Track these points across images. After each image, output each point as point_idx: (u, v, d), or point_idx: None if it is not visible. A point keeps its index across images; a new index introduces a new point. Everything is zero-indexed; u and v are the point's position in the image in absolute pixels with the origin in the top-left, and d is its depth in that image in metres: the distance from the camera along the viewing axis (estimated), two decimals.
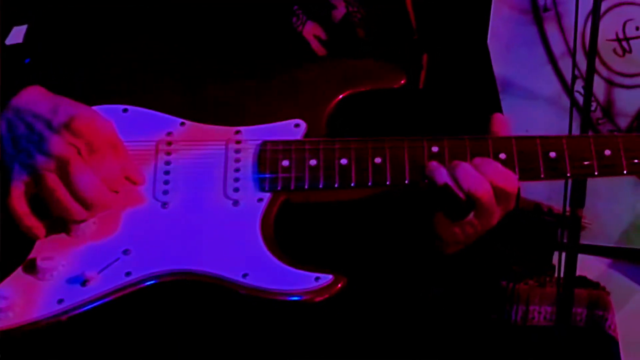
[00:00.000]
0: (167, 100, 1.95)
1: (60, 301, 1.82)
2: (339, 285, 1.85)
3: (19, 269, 1.84)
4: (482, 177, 1.86)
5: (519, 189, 1.92)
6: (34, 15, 2.06)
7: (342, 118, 1.98)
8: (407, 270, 2.09)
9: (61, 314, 1.82)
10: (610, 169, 1.95)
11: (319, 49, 2.08)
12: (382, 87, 1.99)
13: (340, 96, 1.97)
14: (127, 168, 1.87)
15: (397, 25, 2.13)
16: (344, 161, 1.91)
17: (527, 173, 1.93)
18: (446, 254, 2.00)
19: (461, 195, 1.86)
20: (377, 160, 1.91)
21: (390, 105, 2.03)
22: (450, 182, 1.86)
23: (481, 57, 2.25)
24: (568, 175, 1.95)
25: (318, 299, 1.83)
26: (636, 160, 1.96)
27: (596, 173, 1.95)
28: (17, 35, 2.05)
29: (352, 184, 1.90)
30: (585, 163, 1.95)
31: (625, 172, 1.95)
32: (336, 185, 1.90)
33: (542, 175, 1.94)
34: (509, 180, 1.89)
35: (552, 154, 1.93)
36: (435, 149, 1.92)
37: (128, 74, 1.96)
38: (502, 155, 1.92)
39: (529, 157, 1.93)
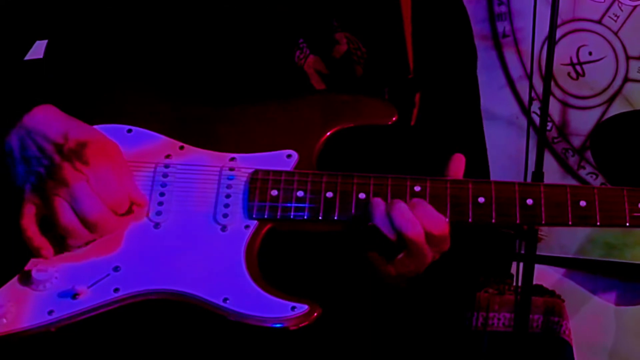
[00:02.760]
0: (169, 123, 1.94)
1: (50, 312, 1.83)
2: (314, 315, 1.83)
3: (15, 279, 1.84)
4: (415, 219, 1.83)
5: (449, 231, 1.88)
6: (54, 32, 2.06)
7: (334, 151, 1.96)
8: (383, 300, 2.07)
9: (50, 325, 1.82)
10: (584, 220, 1.91)
11: (318, 82, 2.06)
12: (374, 123, 1.96)
13: (333, 130, 1.95)
14: (132, 191, 1.86)
15: (395, 63, 2.10)
16: (329, 194, 1.89)
17: (504, 218, 1.89)
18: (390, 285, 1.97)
19: (391, 236, 1.83)
20: (361, 195, 1.89)
21: (382, 140, 2.01)
22: (386, 220, 1.83)
23: (471, 97, 2.24)
24: (542, 222, 1.91)
25: (293, 327, 1.83)
26: (610, 214, 1.91)
27: (570, 223, 1.91)
28: (36, 50, 2.06)
29: (336, 217, 1.88)
30: (561, 213, 1.90)
31: (598, 224, 1.91)
32: (320, 217, 1.89)
33: (518, 221, 1.90)
34: (438, 225, 1.85)
35: (529, 201, 1.90)
36: (417, 188, 1.89)
37: (135, 98, 1.95)
38: (481, 199, 1.89)
39: (506, 202, 1.89)
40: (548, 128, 4.62)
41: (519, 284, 4.06)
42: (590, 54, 4.80)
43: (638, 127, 4.13)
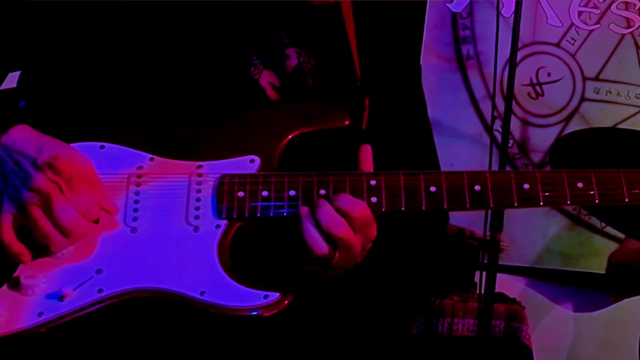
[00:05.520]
0: (138, 138, 1.98)
1: (40, 314, 1.86)
2: (285, 302, 1.88)
3: (5, 286, 1.88)
4: (339, 217, 1.88)
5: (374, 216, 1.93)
6: (28, 62, 2.10)
7: (293, 154, 2.00)
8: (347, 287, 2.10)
9: (40, 326, 1.86)
10: (528, 201, 1.97)
11: (273, 95, 2.10)
12: (328, 127, 2.02)
13: (291, 135, 2.00)
14: (102, 200, 1.90)
15: (344, 73, 2.15)
16: (292, 193, 1.93)
17: (455, 204, 1.95)
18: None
19: (321, 241, 1.87)
20: (322, 192, 1.93)
21: (336, 143, 2.05)
22: (313, 224, 1.88)
23: (416, 99, 2.28)
24: (491, 206, 1.97)
25: (267, 314, 1.87)
26: (551, 194, 1.97)
27: (516, 204, 1.97)
28: (11, 80, 2.11)
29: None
30: (506, 195, 1.96)
31: (541, 203, 1.97)
32: (285, 214, 1.94)
33: (468, 206, 1.96)
34: (356, 208, 1.90)
35: (477, 187, 1.96)
36: (373, 182, 1.94)
37: (106, 116, 2.00)
38: (433, 188, 1.94)
39: (456, 189, 1.95)
40: (509, 145, 4.59)
41: (482, 292, 4.07)
42: (549, 75, 4.83)
43: (594, 144, 4.14)
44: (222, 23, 2.10)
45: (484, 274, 4.06)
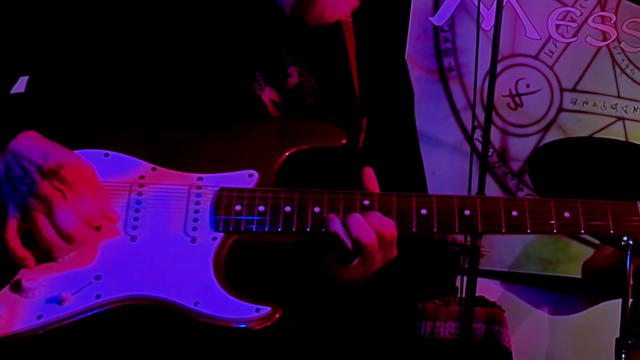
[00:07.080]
0: (142, 148, 2.00)
1: (39, 317, 1.89)
2: (277, 316, 1.90)
3: (6, 288, 1.90)
4: (369, 227, 1.90)
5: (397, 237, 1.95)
6: (28, 62, 2.11)
7: (290, 170, 2.02)
8: (337, 299, 2.12)
9: (39, 328, 1.88)
10: (516, 227, 1.97)
11: (273, 111, 2.12)
12: (326, 145, 2.04)
13: (289, 152, 2.02)
14: (104, 207, 1.92)
15: (343, 92, 2.17)
16: (287, 208, 1.95)
17: (444, 227, 1.96)
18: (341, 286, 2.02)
19: (349, 243, 1.89)
20: (316, 209, 1.95)
21: (332, 161, 2.08)
22: (342, 230, 1.90)
23: (409, 122, 2.31)
24: (479, 231, 1.97)
25: (257, 327, 1.89)
26: (538, 222, 1.97)
27: (503, 231, 1.97)
28: (20, 84, 2.12)
29: (294, 229, 1.95)
30: (495, 222, 1.96)
31: (529, 231, 1.98)
32: (280, 229, 1.95)
33: (457, 230, 1.97)
34: (388, 228, 1.92)
35: (467, 212, 1.96)
36: (366, 202, 1.96)
37: (111, 125, 2.01)
38: (424, 211, 1.96)
39: (446, 213, 1.96)
40: (489, 154, 4.65)
41: (463, 295, 4.05)
42: (527, 86, 4.85)
43: (571, 153, 4.16)
44: (227, 40, 2.12)
45: (465, 278, 4.05)
